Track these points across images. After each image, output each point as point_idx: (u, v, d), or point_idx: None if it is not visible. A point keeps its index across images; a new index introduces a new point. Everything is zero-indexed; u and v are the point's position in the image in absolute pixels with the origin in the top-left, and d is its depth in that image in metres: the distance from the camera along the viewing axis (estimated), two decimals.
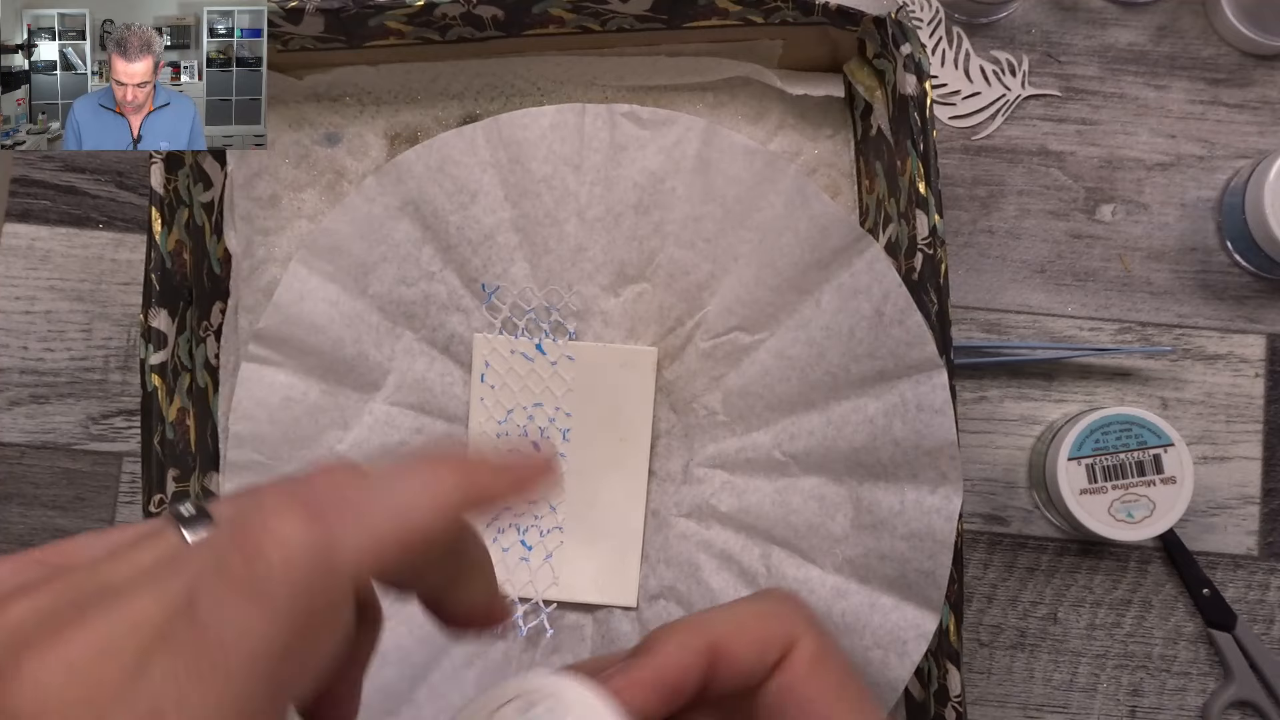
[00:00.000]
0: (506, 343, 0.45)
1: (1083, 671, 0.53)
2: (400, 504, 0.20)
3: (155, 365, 0.42)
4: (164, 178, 0.43)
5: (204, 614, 0.18)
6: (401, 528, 0.20)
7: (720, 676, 0.27)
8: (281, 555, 0.18)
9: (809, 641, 0.28)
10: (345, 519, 0.19)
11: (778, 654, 0.28)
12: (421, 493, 0.21)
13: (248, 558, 0.18)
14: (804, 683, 0.27)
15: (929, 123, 0.41)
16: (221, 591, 0.18)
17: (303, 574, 0.18)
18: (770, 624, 0.28)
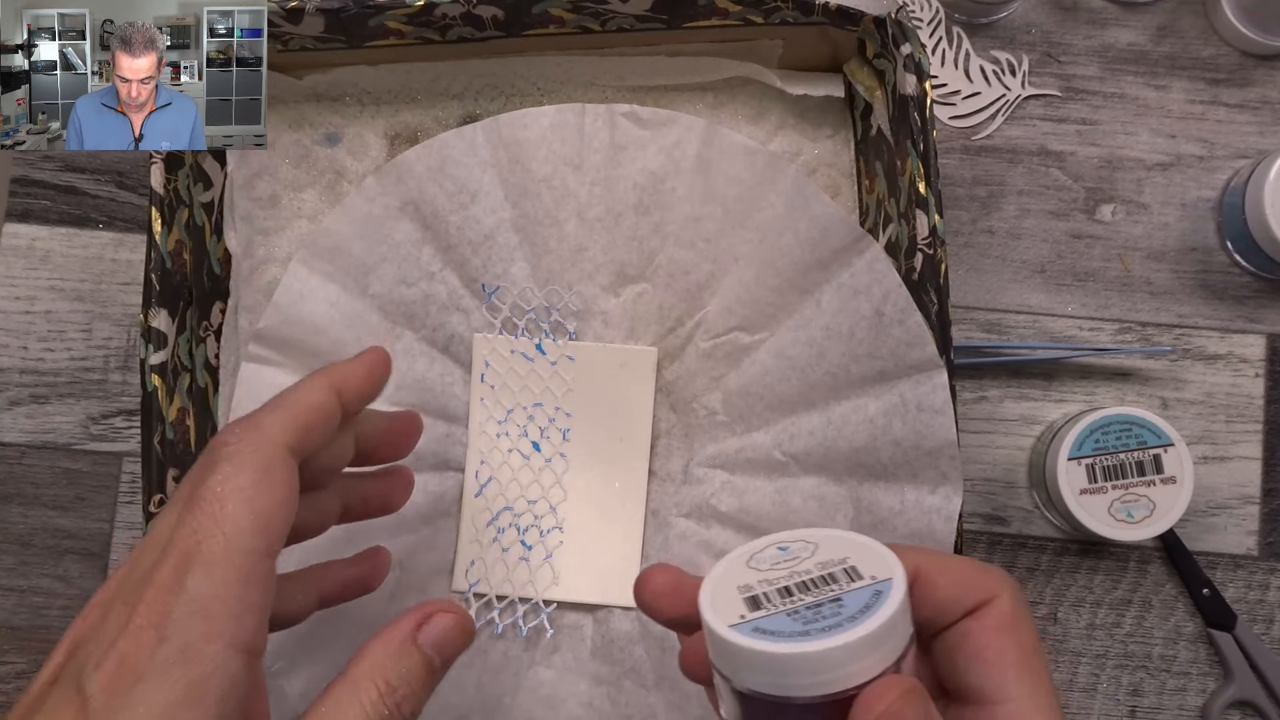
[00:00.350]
0: (506, 343, 0.45)
1: (1083, 671, 0.53)
2: (292, 402, 0.31)
3: (155, 365, 0.42)
4: (164, 178, 0.43)
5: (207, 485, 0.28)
6: (301, 413, 0.31)
7: (915, 601, 0.28)
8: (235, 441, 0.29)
9: (1007, 602, 0.28)
10: (264, 416, 0.30)
11: (976, 600, 0.28)
12: (303, 394, 0.32)
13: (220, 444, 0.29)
14: (989, 636, 0.27)
15: (929, 123, 0.41)
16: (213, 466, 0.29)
17: (248, 449, 0.29)
18: (976, 572, 0.28)
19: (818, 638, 0.24)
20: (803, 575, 0.27)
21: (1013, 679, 0.27)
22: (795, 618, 0.25)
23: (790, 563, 0.28)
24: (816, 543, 0.29)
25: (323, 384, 0.32)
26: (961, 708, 0.28)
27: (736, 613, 0.26)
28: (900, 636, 0.26)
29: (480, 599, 0.44)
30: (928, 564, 0.28)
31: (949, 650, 0.28)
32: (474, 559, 0.44)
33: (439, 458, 0.45)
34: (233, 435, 0.29)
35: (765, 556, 0.28)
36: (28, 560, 0.53)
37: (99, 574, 0.53)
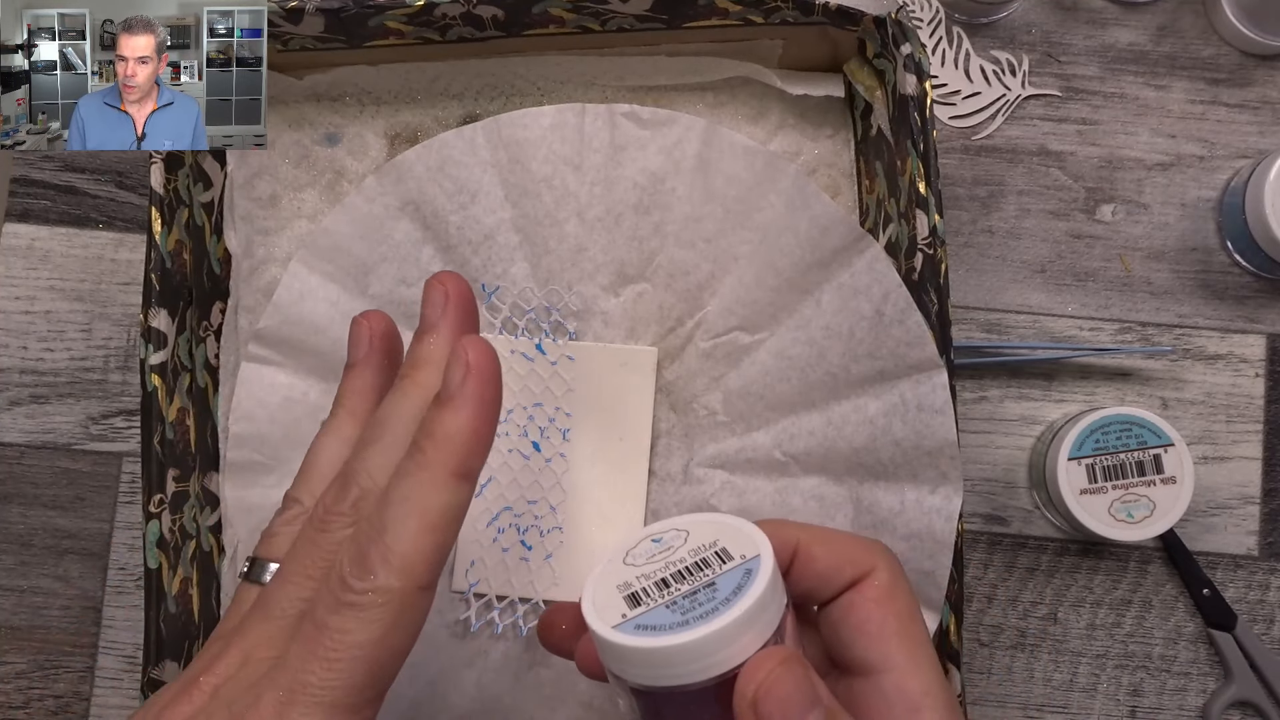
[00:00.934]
0: (506, 343, 0.45)
1: (1083, 671, 0.53)
2: (416, 514, 0.26)
3: (155, 365, 0.42)
4: (164, 178, 0.43)
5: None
6: (428, 531, 0.26)
7: (793, 575, 0.29)
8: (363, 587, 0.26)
9: (884, 574, 0.29)
10: (391, 552, 0.26)
11: (854, 574, 0.29)
12: (424, 494, 0.26)
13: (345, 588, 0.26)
14: (868, 608, 0.28)
15: (929, 123, 0.41)
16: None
17: (380, 599, 0.26)
18: (853, 546, 0.29)
19: (695, 625, 0.25)
20: (677, 565, 0.28)
21: (894, 648, 0.28)
22: (674, 609, 0.26)
23: (664, 554, 0.29)
24: (687, 529, 0.29)
25: (442, 474, 0.27)
26: (851, 678, 0.29)
27: (618, 612, 0.27)
28: (774, 610, 0.27)
29: (480, 599, 0.44)
30: (806, 538, 0.29)
31: (834, 624, 0.29)
32: (474, 559, 0.44)
33: None
34: (357, 578, 0.26)
35: (640, 551, 0.29)
36: (28, 560, 0.53)
37: (99, 574, 0.53)
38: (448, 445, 0.26)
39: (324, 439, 0.32)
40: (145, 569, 0.41)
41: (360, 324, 0.33)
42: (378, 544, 0.26)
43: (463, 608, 0.44)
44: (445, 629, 0.44)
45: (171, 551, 0.42)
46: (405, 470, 0.27)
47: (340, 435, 0.32)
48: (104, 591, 0.53)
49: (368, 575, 0.25)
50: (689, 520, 0.30)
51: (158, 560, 0.41)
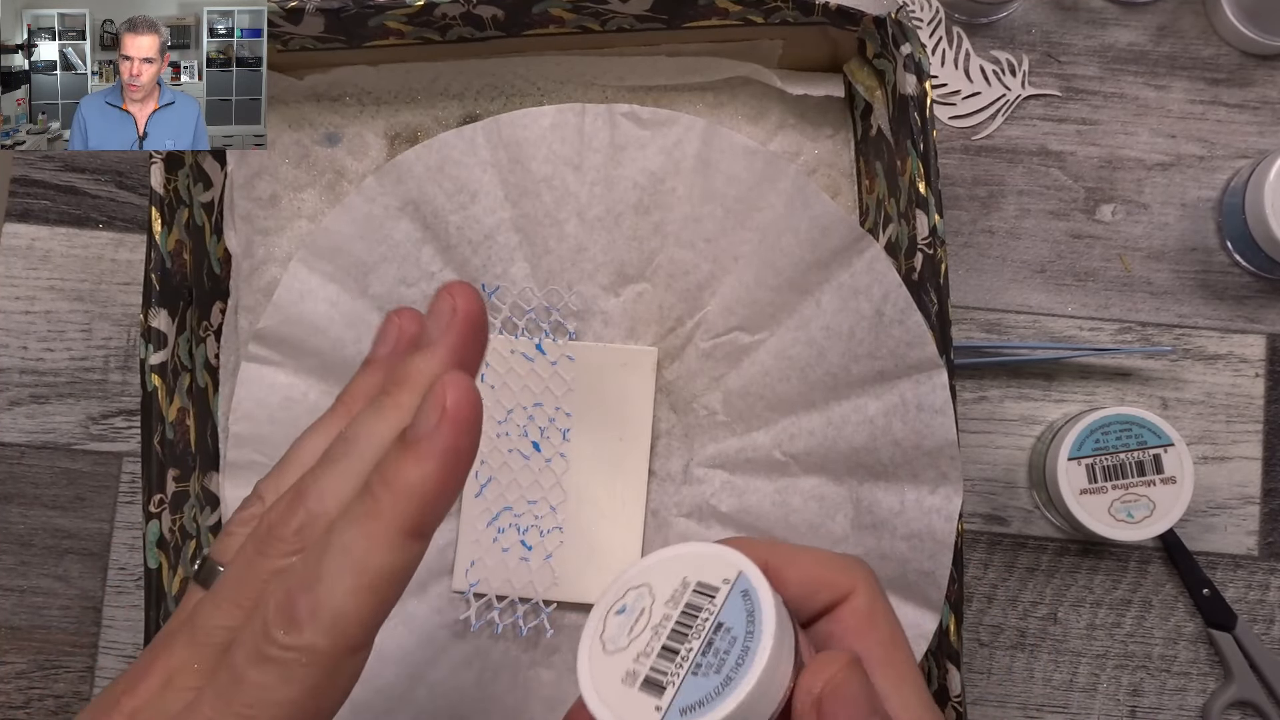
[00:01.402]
0: (506, 343, 0.45)
1: (1083, 671, 0.53)
2: (353, 572, 0.23)
3: (155, 365, 0.42)
4: (164, 178, 0.43)
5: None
6: (367, 591, 0.23)
7: None
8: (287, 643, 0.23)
9: (863, 597, 0.27)
10: (321, 608, 0.23)
11: (829, 599, 0.27)
12: (366, 549, 0.24)
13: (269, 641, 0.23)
14: (849, 635, 0.27)
15: (929, 123, 0.41)
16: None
17: (305, 657, 0.23)
18: (827, 568, 0.28)
19: (740, 676, 0.23)
20: (668, 626, 0.25)
21: (879, 680, 0.26)
22: (703, 672, 0.24)
23: (643, 622, 0.25)
24: (647, 583, 0.26)
25: (390, 532, 0.24)
26: None
27: (650, 707, 0.24)
28: (786, 615, 0.25)
29: (480, 599, 0.44)
30: (775, 559, 0.27)
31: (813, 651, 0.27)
32: (474, 559, 0.44)
33: None
34: (284, 631, 0.23)
35: (614, 633, 0.26)
36: (28, 560, 0.53)
37: (99, 574, 0.53)
38: (404, 499, 0.24)
39: (310, 435, 0.29)
40: (145, 569, 0.41)
41: (391, 321, 0.29)
42: (308, 596, 0.23)
43: (463, 608, 0.44)
44: (445, 629, 0.44)
45: (171, 551, 0.42)
46: (353, 515, 0.24)
47: (328, 434, 0.28)
48: (104, 591, 0.53)
49: (294, 630, 0.23)
50: (640, 573, 0.26)
51: (158, 560, 0.41)
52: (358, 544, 0.23)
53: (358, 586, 0.23)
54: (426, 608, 0.44)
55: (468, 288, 0.27)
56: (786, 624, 0.24)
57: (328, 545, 0.23)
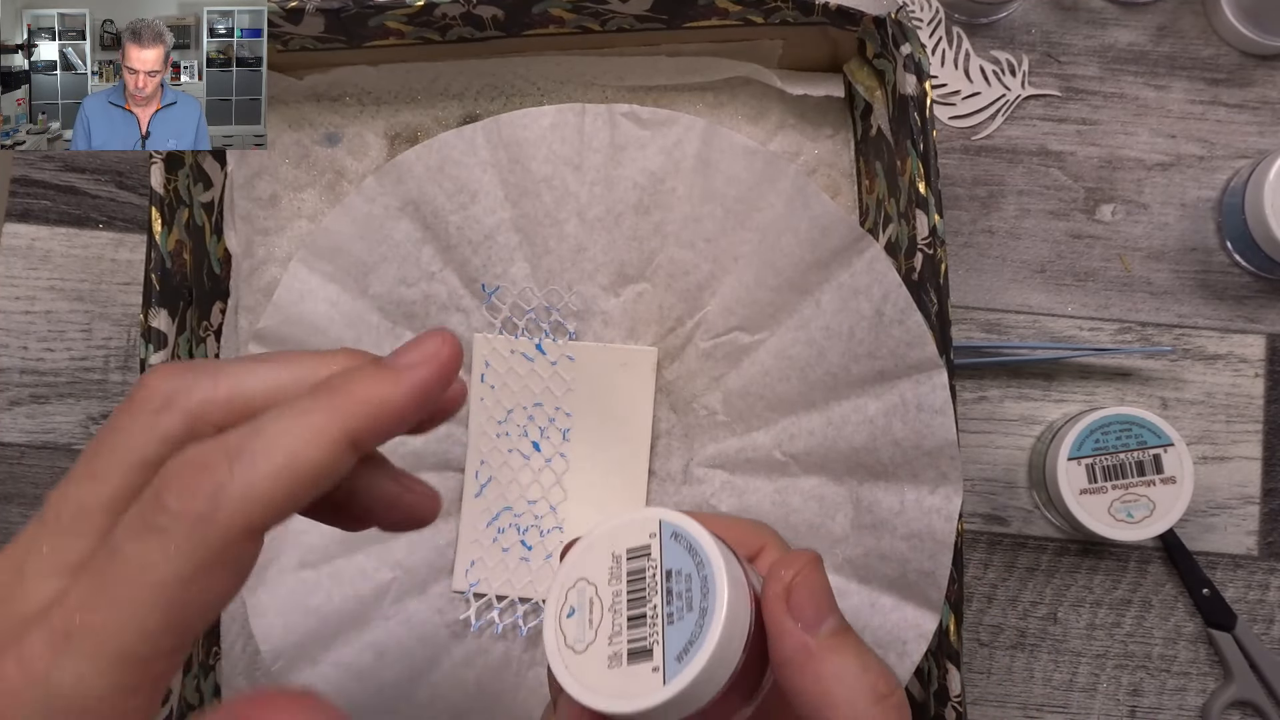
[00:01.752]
0: (506, 343, 0.45)
1: (1083, 671, 0.53)
2: (282, 455, 0.21)
3: (155, 365, 0.42)
4: (164, 178, 0.43)
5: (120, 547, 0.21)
6: (286, 479, 0.21)
7: None
8: (180, 509, 0.21)
9: (772, 551, 0.29)
10: (232, 481, 0.21)
11: (744, 556, 0.28)
12: (302, 439, 0.22)
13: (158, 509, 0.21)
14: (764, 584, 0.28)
15: (929, 123, 0.41)
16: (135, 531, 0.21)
17: (197, 529, 0.21)
18: (738, 530, 0.29)
19: (711, 599, 0.24)
20: (623, 599, 0.25)
21: (787, 624, 0.26)
22: (676, 619, 0.24)
23: (595, 610, 0.26)
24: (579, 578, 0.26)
25: (333, 429, 0.22)
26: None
27: (648, 671, 0.24)
28: (721, 542, 0.26)
29: (480, 599, 0.44)
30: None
31: None
32: (474, 559, 0.44)
33: (439, 458, 0.45)
34: (177, 497, 0.21)
35: (577, 636, 0.26)
36: None
37: None
38: (360, 405, 0.22)
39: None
40: None
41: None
42: (219, 467, 0.21)
43: (463, 608, 0.44)
44: (445, 629, 0.44)
45: None
46: (298, 407, 0.22)
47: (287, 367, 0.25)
48: None
49: (189, 497, 0.21)
50: (569, 574, 0.26)
51: None
52: (294, 431, 0.22)
53: (279, 471, 0.21)
54: (426, 608, 0.44)
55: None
56: (722, 545, 0.26)
57: (259, 427, 0.22)
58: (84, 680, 0.20)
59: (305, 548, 0.44)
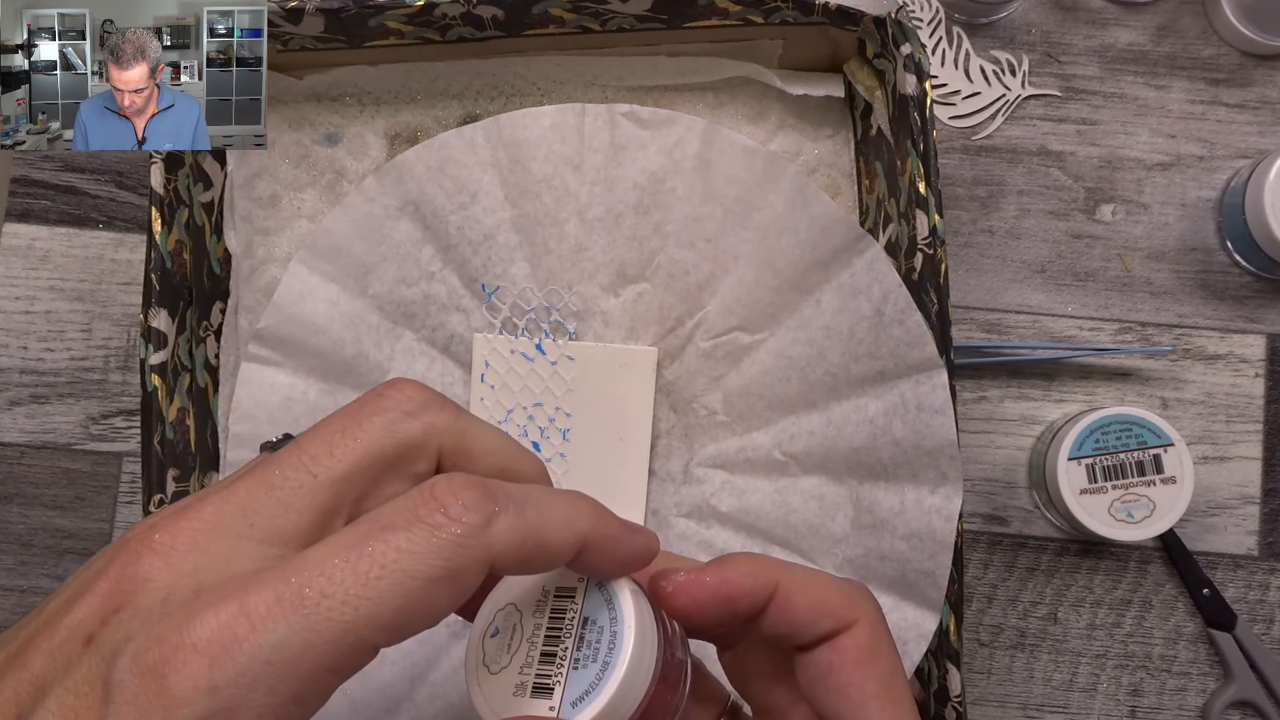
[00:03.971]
0: (506, 343, 0.45)
1: (1083, 671, 0.53)
2: (545, 519, 0.23)
3: (155, 365, 0.42)
4: (164, 178, 0.43)
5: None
6: (539, 539, 0.23)
7: (770, 618, 0.28)
8: (458, 517, 0.21)
9: (865, 629, 0.28)
10: (508, 512, 0.22)
11: (832, 626, 0.27)
12: (563, 516, 0.23)
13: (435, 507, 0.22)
14: (849, 672, 0.27)
15: (929, 123, 0.41)
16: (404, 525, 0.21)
17: (466, 539, 0.21)
18: (834, 594, 0.28)
19: (614, 658, 0.25)
20: (540, 634, 0.26)
21: (874, 712, 0.27)
22: (580, 666, 0.25)
23: (516, 637, 0.26)
24: (510, 602, 0.27)
25: (581, 526, 0.24)
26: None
27: (545, 708, 0.25)
28: (645, 599, 0.26)
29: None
30: (786, 581, 0.27)
31: (812, 679, 0.28)
32: None
33: None
34: (460, 506, 0.21)
35: (494, 657, 0.26)
36: (28, 560, 0.53)
37: None
38: (603, 523, 0.24)
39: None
40: None
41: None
42: (515, 498, 0.22)
43: None
44: (445, 628, 0.44)
45: None
46: (560, 494, 0.24)
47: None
48: None
49: (472, 508, 0.21)
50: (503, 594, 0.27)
51: None
52: (558, 511, 0.23)
53: (539, 530, 0.22)
54: None
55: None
56: (645, 603, 0.26)
57: (529, 490, 0.23)
58: (307, 646, 0.20)
59: None
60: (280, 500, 0.22)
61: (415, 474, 0.24)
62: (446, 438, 0.25)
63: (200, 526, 0.22)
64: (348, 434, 0.24)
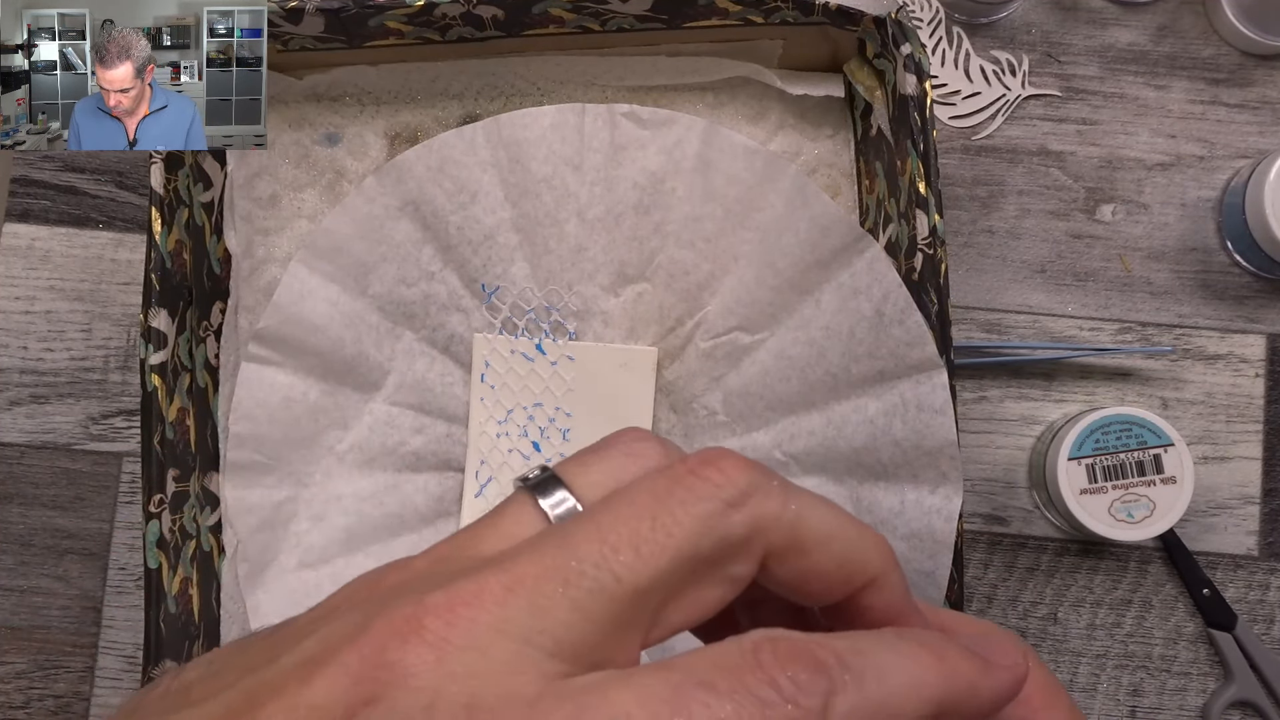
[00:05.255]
0: (506, 343, 0.45)
1: (1083, 671, 0.53)
2: (888, 688, 0.19)
3: (155, 365, 0.42)
4: (164, 178, 0.43)
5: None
6: (880, 714, 0.19)
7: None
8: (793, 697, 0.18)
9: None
10: (846, 691, 0.19)
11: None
12: (910, 679, 0.20)
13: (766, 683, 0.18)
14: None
15: (929, 123, 0.41)
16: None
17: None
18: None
19: None
20: None
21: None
22: None
23: None
24: None
25: (933, 691, 0.20)
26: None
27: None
28: None
29: None
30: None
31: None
32: None
33: (439, 458, 0.45)
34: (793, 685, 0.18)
35: None
36: (28, 560, 0.53)
37: (99, 574, 0.53)
38: (960, 679, 0.20)
39: None
40: (145, 569, 0.41)
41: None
42: (833, 672, 0.19)
43: None
44: None
45: (171, 551, 0.42)
46: (903, 649, 0.20)
47: None
48: (104, 591, 0.53)
49: (818, 686, 0.18)
50: None
51: (158, 560, 0.41)
52: (901, 675, 0.20)
53: (878, 705, 0.19)
54: None
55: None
56: None
57: (863, 650, 0.20)
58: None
59: (305, 548, 0.44)
60: (575, 604, 0.19)
61: (732, 577, 0.21)
62: (775, 534, 0.21)
63: (483, 620, 0.18)
64: (658, 526, 0.20)
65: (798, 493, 0.22)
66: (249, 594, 0.43)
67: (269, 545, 0.44)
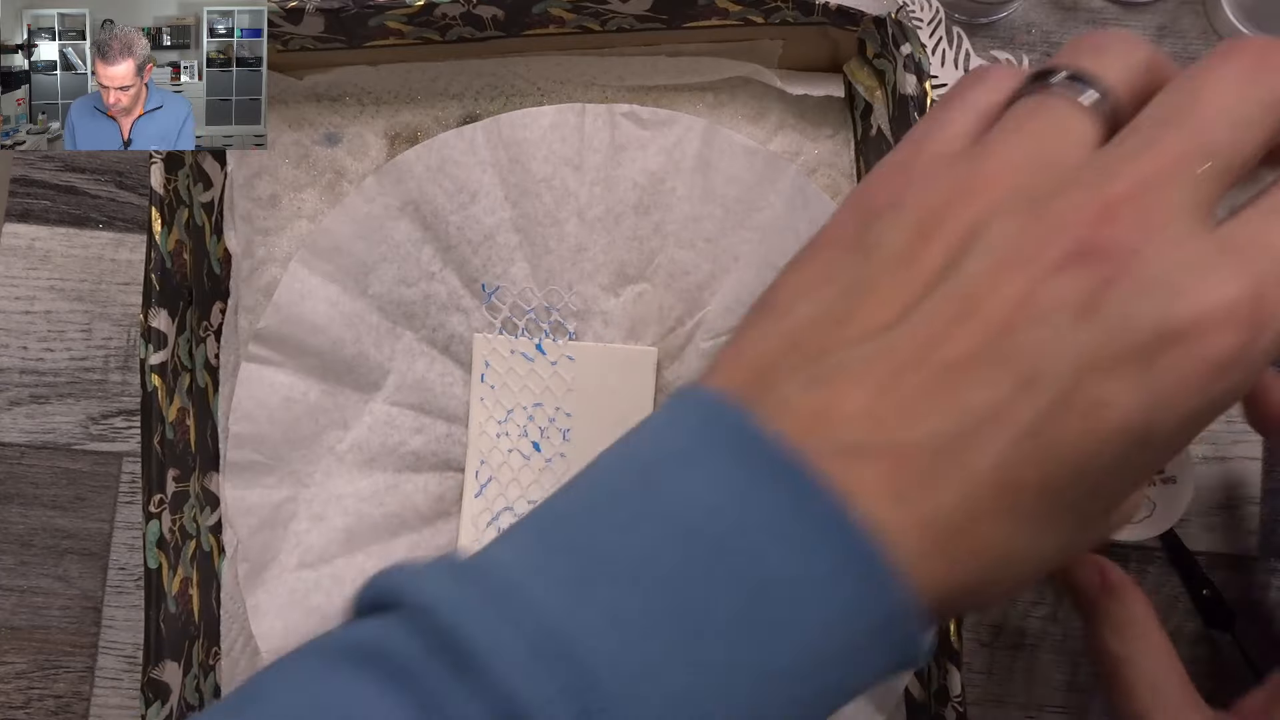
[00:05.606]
0: (506, 343, 0.45)
1: (1083, 671, 0.53)
2: None
3: (155, 365, 0.42)
4: (164, 178, 0.43)
5: None
6: None
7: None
8: None
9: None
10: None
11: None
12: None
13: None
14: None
15: None
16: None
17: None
18: None
19: None
20: None
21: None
22: None
23: None
24: None
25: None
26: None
27: None
28: None
29: None
30: None
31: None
32: None
33: (439, 458, 0.45)
34: None
35: None
36: (28, 560, 0.53)
37: (99, 574, 0.53)
38: None
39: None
40: (145, 569, 0.41)
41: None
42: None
43: None
44: None
45: (171, 551, 0.42)
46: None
47: None
48: (104, 591, 0.53)
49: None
50: None
51: (158, 560, 0.41)
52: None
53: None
54: None
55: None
56: None
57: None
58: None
59: (305, 548, 0.44)
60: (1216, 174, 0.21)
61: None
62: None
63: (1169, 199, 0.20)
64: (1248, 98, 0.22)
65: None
66: (249, 594, 0.43)
67: (269, 545, 0.44)
